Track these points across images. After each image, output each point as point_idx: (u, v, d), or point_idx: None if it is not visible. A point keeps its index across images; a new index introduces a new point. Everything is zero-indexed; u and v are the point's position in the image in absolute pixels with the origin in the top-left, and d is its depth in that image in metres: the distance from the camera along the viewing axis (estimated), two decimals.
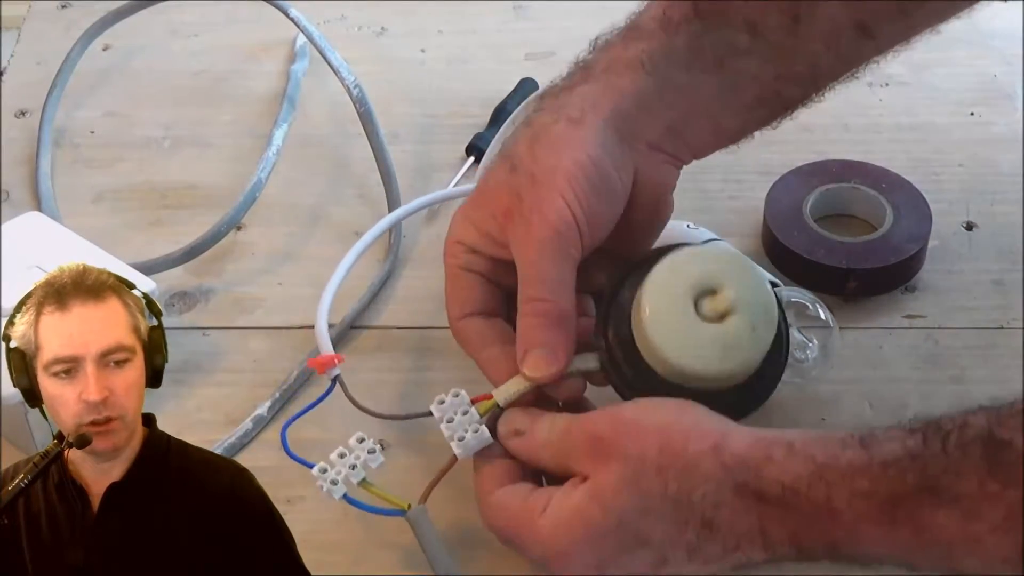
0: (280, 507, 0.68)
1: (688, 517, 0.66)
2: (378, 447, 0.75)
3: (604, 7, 1.20)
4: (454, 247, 0.79)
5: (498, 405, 0.75)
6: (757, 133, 0.83)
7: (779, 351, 0.76)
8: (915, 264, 0.95)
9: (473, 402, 0.75)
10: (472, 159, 1.05)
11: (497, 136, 1.03)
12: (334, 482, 0.74)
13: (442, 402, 0.76)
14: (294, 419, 0.80)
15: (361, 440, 0.75)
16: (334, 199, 1.03)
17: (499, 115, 1.07)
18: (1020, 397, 0.64)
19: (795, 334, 0.86)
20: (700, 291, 0.73)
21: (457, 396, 0.76)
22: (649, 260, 0.75)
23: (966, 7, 0.81)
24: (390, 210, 1.00)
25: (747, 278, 0.74)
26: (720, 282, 0.73)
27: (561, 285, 0.74)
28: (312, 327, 0.91)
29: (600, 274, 0.78)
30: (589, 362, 0.76)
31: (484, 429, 0.74)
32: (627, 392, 0.74)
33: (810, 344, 0.87)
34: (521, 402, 0.75)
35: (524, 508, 0.70)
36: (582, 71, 0.79)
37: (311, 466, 0.75)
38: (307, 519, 0.78)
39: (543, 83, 1.08)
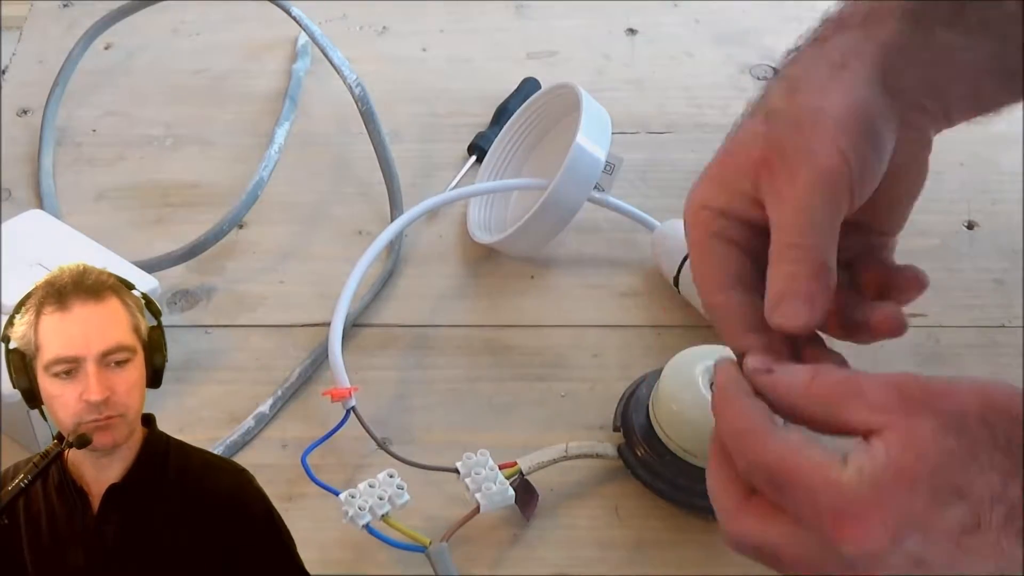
0: (281, 505, 0.68)
1: (1020, 470, 0.55)
2: (405, 485, 0.77)
3: (604, 7, 1.22)
4: (700, 213, 0.68)
5: (521, 472, 0.79)
6: None
7: None
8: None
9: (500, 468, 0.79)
10: (474, 158, 1.05)
11: (502, 133, 1.03)
12: (361, 508, 0.76)
13: (469, 459, 0.79)
14: (312, 448, 0.81)
15: (391, 475, 0.78)
16: (336, 198, 1.03)
17: (501, 114, 1.07)
18: None
19: None
20: (711, 374, 0.80)
21: (483, 455, 0.79)
22: (659, 371, 0.82)
23: None
24: (392, 209, 1.00)
25: None
26: None
27: (826, 234, 0.64)
28: (313, 325, 0.91)
29: (845, 247, 0.67)
30: (607, 449, 0.82)
31: (509, 488, 0.78)
32: (641, 471, 0.81)
33: None
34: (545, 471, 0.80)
35: (823, 456, 0.58)
36: (835, 24, 0.71)
37: (337, 493, 0.77)
38: (308, 517, 0.78)
39: (545, 82, 1.08)
